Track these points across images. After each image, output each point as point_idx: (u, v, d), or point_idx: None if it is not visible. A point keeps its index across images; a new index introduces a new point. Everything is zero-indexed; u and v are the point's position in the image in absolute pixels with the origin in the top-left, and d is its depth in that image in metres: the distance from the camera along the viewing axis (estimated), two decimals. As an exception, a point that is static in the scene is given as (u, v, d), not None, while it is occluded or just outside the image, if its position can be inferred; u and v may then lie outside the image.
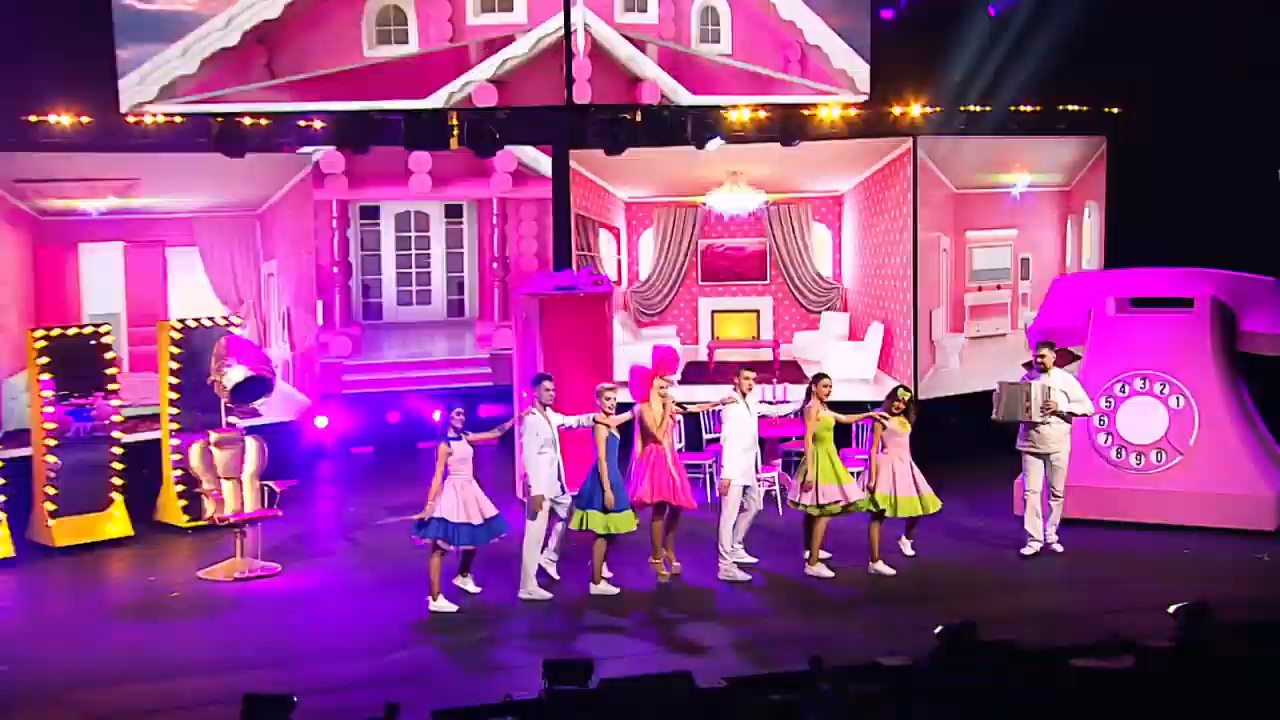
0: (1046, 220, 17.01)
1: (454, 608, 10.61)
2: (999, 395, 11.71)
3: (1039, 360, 11.81)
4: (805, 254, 16.18)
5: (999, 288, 16.63)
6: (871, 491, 11.38)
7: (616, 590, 11.01)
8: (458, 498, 10.59)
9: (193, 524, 13.05)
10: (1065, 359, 17.18)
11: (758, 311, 16.36)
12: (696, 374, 16.05)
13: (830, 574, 11.33)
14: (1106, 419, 12.60)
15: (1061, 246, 17.17)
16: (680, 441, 12.85)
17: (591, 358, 13.56)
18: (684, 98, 15.32)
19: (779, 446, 13.90)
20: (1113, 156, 17.17)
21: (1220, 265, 12.95)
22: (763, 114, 15.35)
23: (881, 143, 15.71)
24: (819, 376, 11.41)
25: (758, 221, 16.20)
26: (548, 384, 11.02)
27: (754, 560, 11.59)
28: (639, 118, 15.23)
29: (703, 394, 14.51)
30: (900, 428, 11.48)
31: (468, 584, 11.03)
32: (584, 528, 10.95)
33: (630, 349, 15.35)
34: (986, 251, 16.46)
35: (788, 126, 15.22)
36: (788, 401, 11.75)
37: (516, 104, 15.04)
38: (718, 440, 14.09)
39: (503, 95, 15.03)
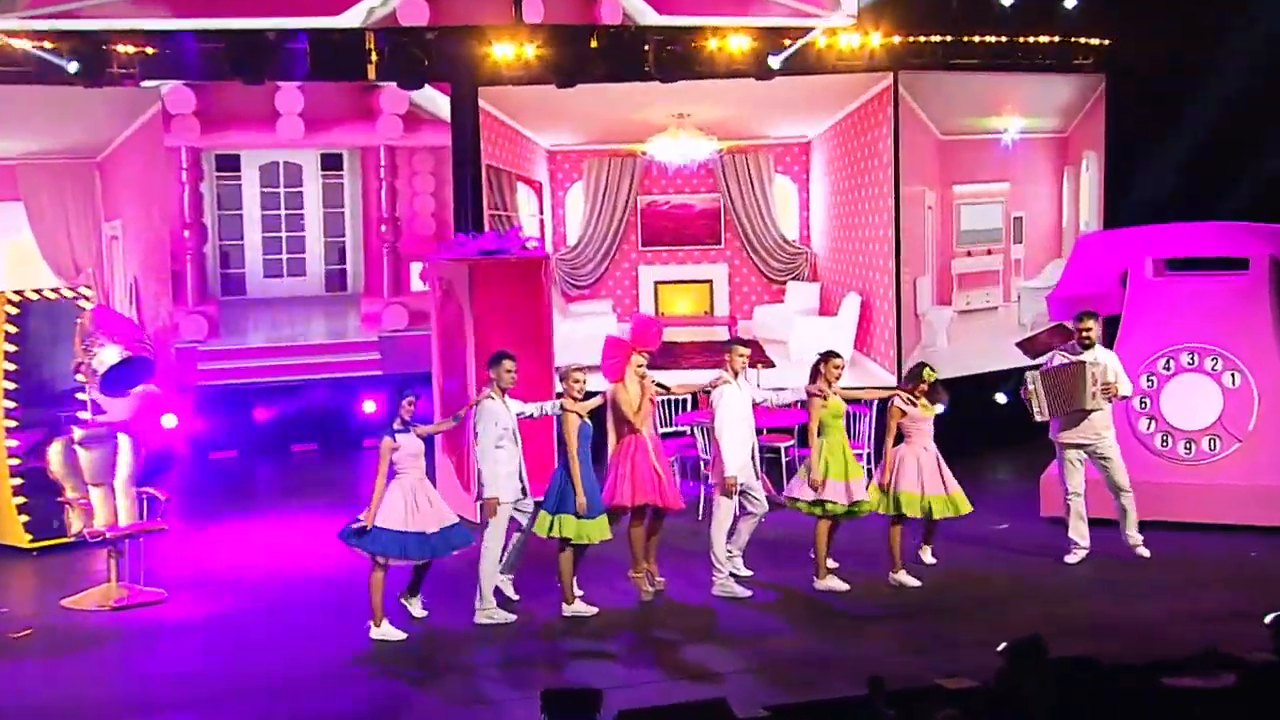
0: (1041, 173, 17.34)
1: (402, 635, 10.43)
2: (1035, 389, 11.77)
3: (1083, 333, 11.91)
4: (766, 213, 16.25)
5: (989, 252, 16.90)
6: (885, 489, 11.43)
7: (593, 610, 10.92)
8: (407, 502, 10.40)
9: (37, 544, 12.65)
10: (1061, 336, 17.67)
11: (710, 282, 16.39)
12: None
13: (845, 586, 11.38)
14: (1149, 401, 12.84)
15: (1058, 203, 17.51)
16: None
17: (529, 334, 13.48)
18: (649, 18, 15.31)
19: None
20: (1112, 97, 17.55)
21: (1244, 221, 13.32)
22: (740, 42, 15.33)
23: (856, 79, 15.85)
24: (828, 355, 11.43)
25: (709, 174, 16.23)
26: (509, 364, 10.86)
27: (749, 573, 11.59)
28: (596, 43, 15.16)
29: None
30: (925, 413, 11.56)
31: (414, 606, 10.85)
32: (560, 535, 10.84)
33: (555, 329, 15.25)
34: (975, 209, 16.71)
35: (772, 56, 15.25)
36: (787, 388, 11.77)
37: (453, 23, 14.86)
38: (677, 435, 14.13)
39: (435, 13, 14.83)
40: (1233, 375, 12.71)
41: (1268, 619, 8.32)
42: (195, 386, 16.30)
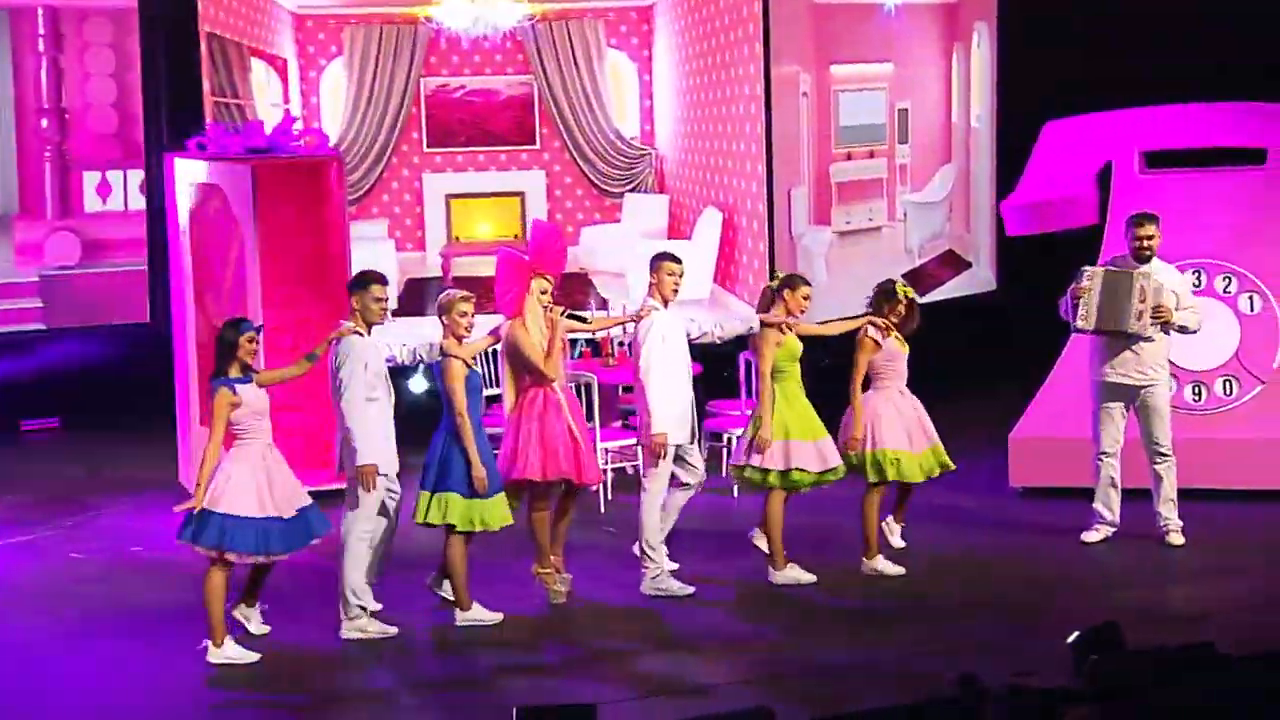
0: (926, 51, 18.32)
1: (254, 656, 10.66)
2: (1092, 285, 12.39)
3: (1138, 243, 12.55)
4: (596, 102, 16.73)
5: (872, 155, 17.80)
6: (854, 446, 12.10)
7: (497, 616, 11.32)
8: (258, 479, 10.61)
9: None
10: (953, 266, 18.74)
11: (521, 195, 16.77)
12: (422, 299, 16.29)
13: (811, 578, 12.03)
14: (1144, 335, 13.75)
15: (946, 92, 18.53)
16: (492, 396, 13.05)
17: (321, 258, 13.84)
18: None
19: (618, 400, 14.46)
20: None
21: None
22: None
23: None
24: (792, 280, 12.04)
25: (518, 49, 16.60)
26: (378, 289, 11.10)
27: (675, 566, 12.09)
28: None
29: (432, 330, 14.85)
30: (901, 348, 12.26)
31: (252, 620, 11.04)
32: (442, 520, 11.19)
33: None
34: (856, 98, 17.57)
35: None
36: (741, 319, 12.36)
37: None
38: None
39: None
40: (1251, 299, 13.74)
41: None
42: None
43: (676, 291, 11.93)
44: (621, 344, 14.64)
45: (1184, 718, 8.51)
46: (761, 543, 12.16)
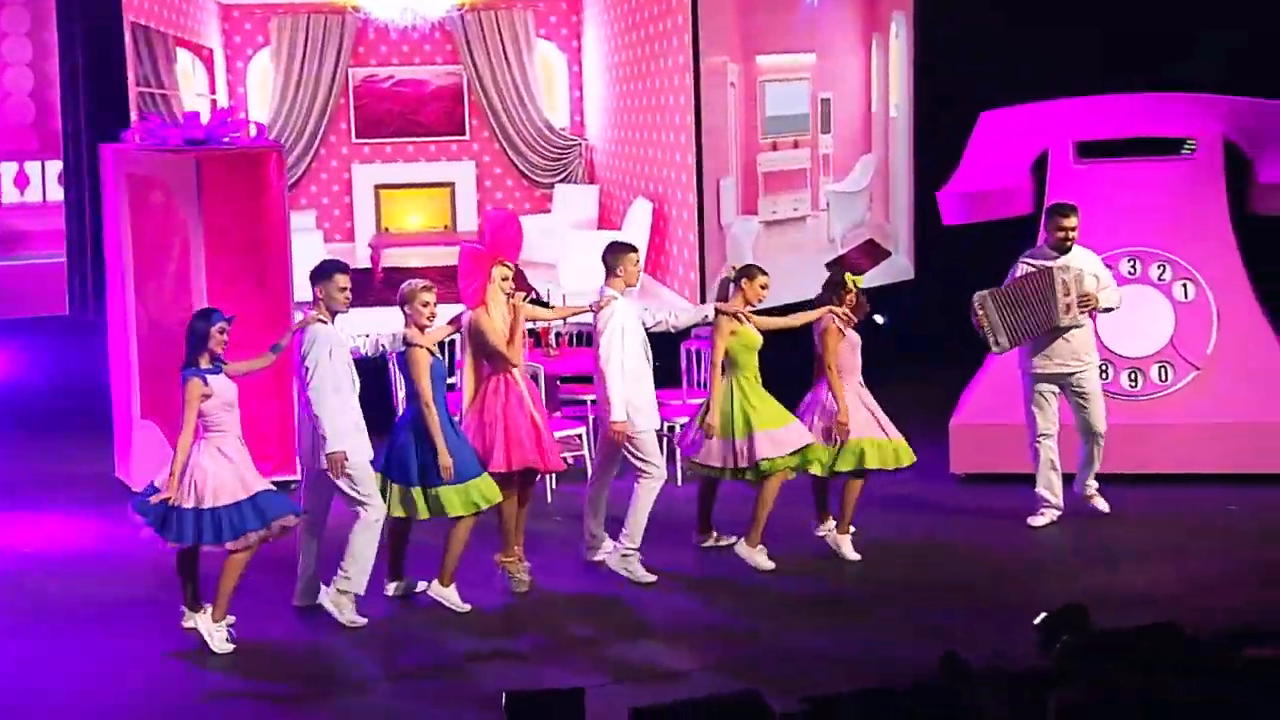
0: (847, 41, 18.73)
1: (229, 647, 10.89)
2: (986, 313, 12.88)
3: (1065, 233, 13.08)
4: (525, 92, 16.93)
5: (796, 145, 18.18)
6: (843, 433, 12.45)
7: (466, 607, 11.59)
8: (227, 464, 10.81)
9: None
10: (872, 255, 19.16)
11: (451, 186, 16.94)
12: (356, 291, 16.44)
13: (770, 565, 12.39)
14: (1081, 322, 14.20)
15: (866, 82, 18.94)
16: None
17: (262, 251, 14.06)
18: None
19: (558, 390, 14.75)
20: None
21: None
22: None
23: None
24: (749, 270, 12.39)
25: (447, 39, 16.77)
26: (341, 278, 11.37)
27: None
28: None
29: (367, 321, 15.09)
30: (856, 336, 12.66)
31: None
32: (427, 514, 11.48)
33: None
34: (781, 88, 17.95)
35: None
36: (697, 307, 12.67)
37: None
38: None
39: None
40: (1185, 286, 14.22)
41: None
42: None
43: (637, 280, 12.29)
44: (560, 335, 14.95)
45: (1162, 699, 8.89)
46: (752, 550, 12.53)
